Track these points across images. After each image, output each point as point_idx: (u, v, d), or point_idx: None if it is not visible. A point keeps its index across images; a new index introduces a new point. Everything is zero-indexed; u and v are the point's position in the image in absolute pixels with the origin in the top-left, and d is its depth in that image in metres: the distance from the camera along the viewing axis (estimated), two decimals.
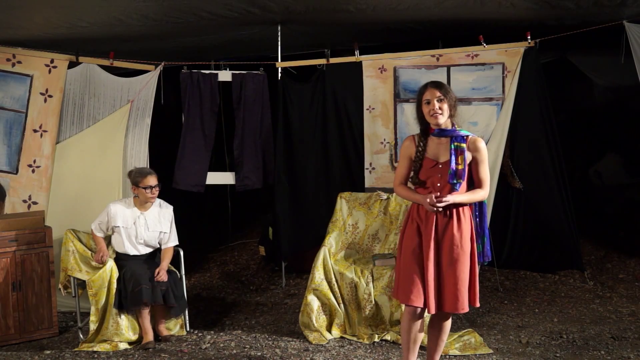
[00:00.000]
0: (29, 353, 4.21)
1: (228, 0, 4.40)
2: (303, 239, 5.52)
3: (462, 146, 3.28)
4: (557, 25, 5.18)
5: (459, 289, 3.24)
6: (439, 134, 3.33)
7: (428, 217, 3.29)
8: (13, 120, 4.95)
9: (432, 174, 3.31)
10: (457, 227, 3.27)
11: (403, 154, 3.45)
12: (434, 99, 3.27)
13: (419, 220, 3.34)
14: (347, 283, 4.37)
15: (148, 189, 4.43)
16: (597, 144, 8.06)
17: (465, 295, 3.27)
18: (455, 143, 3.28)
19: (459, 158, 3.26)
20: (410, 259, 3.30)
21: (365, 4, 4.62)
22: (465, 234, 3.29)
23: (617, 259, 6.11)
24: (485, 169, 3.35)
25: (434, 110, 3.26)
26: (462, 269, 3.26)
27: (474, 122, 5.29)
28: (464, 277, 3.26)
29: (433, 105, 3.27)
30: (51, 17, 4.53)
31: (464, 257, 3.27)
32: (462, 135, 3.30)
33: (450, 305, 3.27)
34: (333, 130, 5.48)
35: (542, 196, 5.43)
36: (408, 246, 3.34)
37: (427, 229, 3.29)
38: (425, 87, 3.35)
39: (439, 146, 3.33)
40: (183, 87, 5.44)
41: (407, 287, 3.28)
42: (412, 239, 3.33)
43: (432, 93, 3.28)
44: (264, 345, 4.27)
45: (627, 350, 3.98)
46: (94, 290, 4.23)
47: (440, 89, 3.29)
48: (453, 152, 3.26)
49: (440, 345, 3.50)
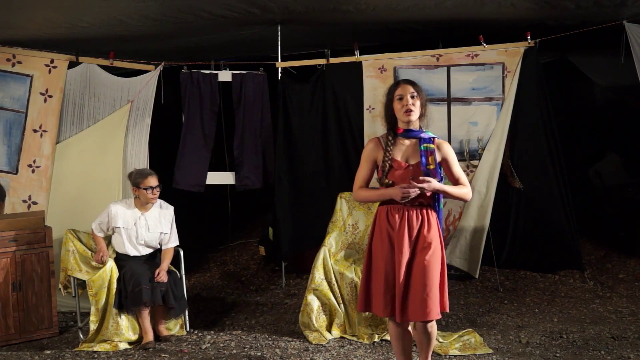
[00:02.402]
0: (29, 353, 4.22)
1: (228, 0, 4.40)
2: (303, 239, 5.52)
3: (432, 147, 3.22)
4: (557, 25, 5.18)
5: (429, 295, 3.11)
6: (405, 135, 3.26)
7: (400, 223, 3.19)
8: (13, 120, 4.95)
9: (404, 176, 3.20)
10: (427, 230, 3.19)
11: (367, 156, 3.34)
12: (407, 95, 3.20)
13: (388, 227, 3.22)
14: (347, 283, 4.37)
15: (149, 190, 4.42)
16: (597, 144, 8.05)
17: (436, 302, 3.14)
18: (425, 144, 3.22)
19: (430, 159, 3.20)
20: (385, 269, 3.19)
21: (365, 4, 4.62)
22: (435, 238, 3.21)
23: (617, 259, 6.10)
24: (458, 168, 3.31)
25: (407, 106, 3.19)
26: (434, 274, 3.15)
27: (474, 122, 5.29)
28: (435, 283, 3.15)
29: (406, 101, 3.19)
30: (51, 17, 4.53)
31: (435, 261, 3.17)
32: (429, 137, 3.25)
33: (417, 313, 3.13)
34: (333, 130, 5.48)
35: (542, 196, 5.42)
36: (379, 255, 3.24)
37: (399, 234, 3.18)
38: (397, 84, 3.28)
39: (407, 148, 3.26)
40: (183, 87, 5.44)
41: (387, 299, 3.18)
42: (383, 247, 3.22)
43: (405, 89, 3.21)
44: (264, 345, 4.27)
45: (627, 350, 3.98)
46: (94, 290, 4.23)
47: (413, 86, 3.23)
48: (423, 154, 3.21)
49: (429, 348, 3.37)
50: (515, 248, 5.63)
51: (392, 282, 3.18)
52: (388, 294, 3.19)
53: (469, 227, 5.31)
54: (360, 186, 3.37)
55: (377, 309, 3.24)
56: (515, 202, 5.54)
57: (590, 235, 6.57)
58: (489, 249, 5.36)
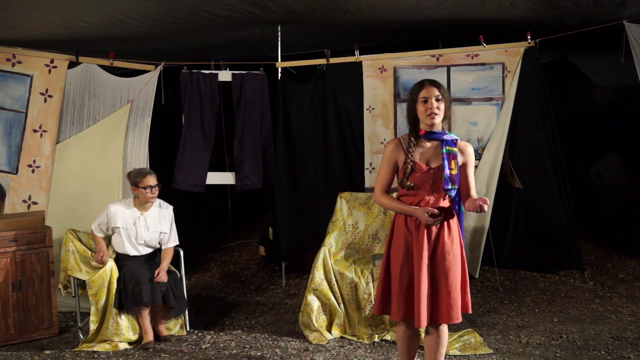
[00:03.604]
0: (29, 353, 4.21)
1: (228, 0, 4.40)
2: (303, 239, 5.52)
3: (454, 150, 3.12)
4: (557, 25, 5.18)
5: (453, 297, 3.12)
6: (427, 137, 3.16)
7: (418, 228, 3.13)
8: (13, 120, 4.95)
9: (424, 179, 3.13)
10: (448, 234, 3.14)
11: (387, 158, 3.22)
12: (432, 98, 3.09)
13: (407, 233, 3.16)
14: (347, 283, 4.37)
15: (148, 189, 4.42)
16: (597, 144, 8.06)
17: (459, 304, 3.15)
18: (447, 147, 3.12)
19: (452, 163, 3.10)
20: (401, 273, 3.16)
21: (365, 4, 4.62)
22: (456, 241, 3.17)
23: (617, 259, 6.10)
24: (472, 176, 3.24)
25: (432, 109, 3.08)
26: (455, 276, 3.14)
27: (474, 122, 5.29)
28: (457, 285, 3.14)
29: (431, 104, 3.08)
30: (51, 17, 4.53)
31: (456, 264, 3.16)
32: (452, 140, 3.15)
33: (445, 316, 3.14)
34: (333, 130, 5.48)
35: (542, 196, 5.42)
36: (397, 260, 3.19)
37: (418, 240, 3.13)
38: (422, 85, 3.15)
39: (428, 150, 3.16)
40: (183, 87, 5.44)
41: (400, 303, 3.16)
42: (400, 252, 3.17)
43: (430, 91, 3.10)
44: (264, 345, 4.27)
45: (627, 350, 3.98)
46: (94, 290, 4.23)
47: (439, 88, 3.12)
48: (445, 157, 3.11)
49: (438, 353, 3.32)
50: (515, 248, 5.63)
51: (407, 287, 3.15)
52: (402, 298, 3.16)
53: (469, 227, 5.31)
54: (382, 190, 3.25)
55: (392, 312, 3.22)
56: (515, 202, 5.54)
57: (590, 235, 6.57)
58: (489, 249, 5.36)
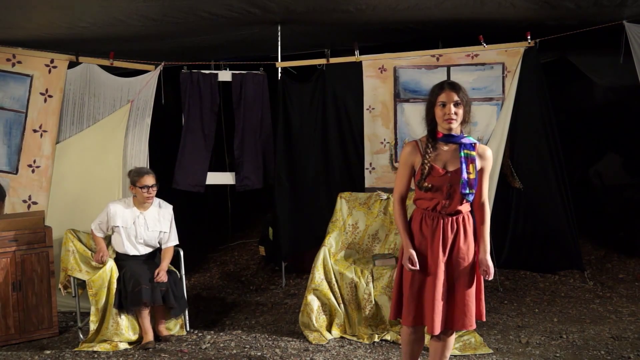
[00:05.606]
0: (29, 353, 4.21)
1: (228, 0, 4.40)
2: (303, 239, 5.52)
3: (473, 154, 3.06)
4: (557, 25, 5.18)
5: (467, 304, 3.09)
6: (445, 140, 3.09)
7: (434, 234, 3.10)
8: (13, 120, 4.95)
9: (441, 182, 3.06)
10: (463, 240, 3.11)
11: (404, 161, 3.16)
12: (451, 103, 3.01)
13: (421, 238, 3.14)
14: (347, 283, 4.37)
15: (145, 189, 4.42)
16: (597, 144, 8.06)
17: (473, 311, 3.11)
18: (465, 151, 3.06)
19: (470, 166, 3.03)
20: (412, 278, 3.13)
21: (365, 4, 4.62)
22: (471, 247, 3.14)
23: (617, 259, 6.11)
24: (487, 183, 3.19)
25: (450, 115, 3.01)
26: (470, 283, 3.12)
27: (474, 122, 5.24)
28: (472, 292, 3.11)
29: (449, 109, 3.00)
30: (51, 17, 4.52)
31: (472, 270, 3.13)
32: (470, 143, 3.10)
33: (458, 322, 3.11)
34: (333, 130, 5.48)
35: (542, 196, 5.42)
36: None
37: (433, 246, 3.10)
38: (442, 87, 3.06)
39: (445, 153, 3.10)
40: (183, 87, 5.44)
41: (410, 308, 3.14)
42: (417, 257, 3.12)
43: (450, 96, 3.01)
44: (264, 345, 4.27)
45: (627, 350, 3.98)
46: (94, 290, 4.23)
47: (458, 93, 3.03)
48: (464, 161, 3.04)
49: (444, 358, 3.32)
50: (515, 248, 5.63)
51: (417, 292, 3.13)
52: (412, 303, 3.14)
53: None
54: (400, 195, 3.20)
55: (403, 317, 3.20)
56: (515, 202, 5.55)
57: (590, 235, 6.58)
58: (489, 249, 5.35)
